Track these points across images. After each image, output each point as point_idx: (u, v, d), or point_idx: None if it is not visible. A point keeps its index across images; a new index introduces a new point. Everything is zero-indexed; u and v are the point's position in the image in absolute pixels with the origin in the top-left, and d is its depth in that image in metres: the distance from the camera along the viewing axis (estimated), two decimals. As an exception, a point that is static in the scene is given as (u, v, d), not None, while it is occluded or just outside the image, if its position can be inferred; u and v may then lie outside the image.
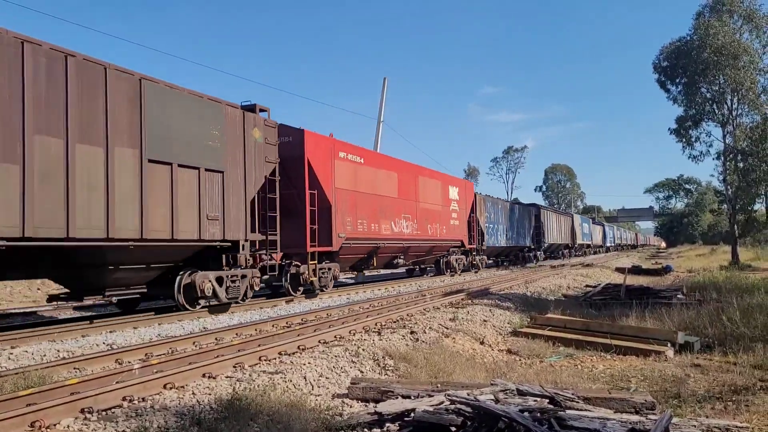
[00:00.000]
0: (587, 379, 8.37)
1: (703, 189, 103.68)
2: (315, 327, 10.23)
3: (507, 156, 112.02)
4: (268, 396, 5.90)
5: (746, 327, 10.16)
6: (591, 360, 9.69)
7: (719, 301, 12.88)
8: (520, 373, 8.51)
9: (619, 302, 15.09)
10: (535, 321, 12.40)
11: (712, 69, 35.14)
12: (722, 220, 71.46)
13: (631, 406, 5.79)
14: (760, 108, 35.90)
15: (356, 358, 7.90)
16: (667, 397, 6.99)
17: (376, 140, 34.59)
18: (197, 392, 6.01)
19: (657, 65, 39.71)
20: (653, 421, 4.78)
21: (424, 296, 16.21)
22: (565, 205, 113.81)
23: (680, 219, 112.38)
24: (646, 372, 8.54)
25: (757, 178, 34.81)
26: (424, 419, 4.99)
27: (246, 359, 7.41)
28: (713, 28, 34.67)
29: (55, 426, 4.95)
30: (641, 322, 11.91)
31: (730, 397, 6.77)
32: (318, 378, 6.91)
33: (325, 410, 5.96)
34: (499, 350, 10.57)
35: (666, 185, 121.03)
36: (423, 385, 6.48)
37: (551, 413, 4.90)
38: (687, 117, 38.86)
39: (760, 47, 36.25)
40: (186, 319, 11.49)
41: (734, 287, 15.94)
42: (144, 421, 5.05)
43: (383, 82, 35.92)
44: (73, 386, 5.83)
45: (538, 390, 5.68)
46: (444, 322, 11.43)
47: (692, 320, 11.54)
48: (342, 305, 14.14)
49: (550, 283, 22.03)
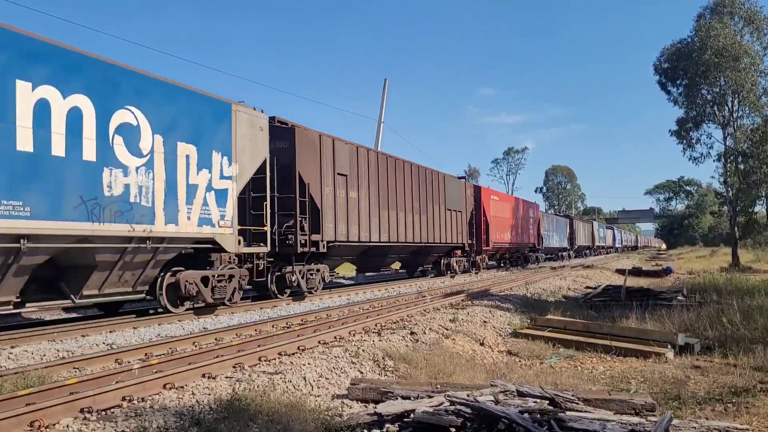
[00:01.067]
0: (587, 380, 8.36)
1: (704, 191, 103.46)
2: (315, 328, 10.23)
3: (507, 157, 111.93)
4: (268, 396, 5.90)
5: (746, 329, 10.15)
6: (591, 361, 9.68)
7: (719, 303, 12.87)
8: (520, 374, 8.51)
9: (620, 304, 15.08)
10: (535, 322, 12.39)
11: (713, 71, 35.10)
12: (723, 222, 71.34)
13: (631, 407, 5.78)
14: (761, 110, 35.87)
15: (356, 358, 7.90)
16: (667, 398, 6.98)
17: (376, 141, 34.53)
18: (197, 392, 6.00)
19: (658, 67, 39.70)
20: (653, 423, 4.78)
21: (424, 297, 16.21)
22: (565, 206, 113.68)
23: (681, 221, 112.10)
24: (646, 373, 8.53)
25: (758, 179, 34.76)
26: (423, 420, 4.98)
27: (246, 360, 7.40)
28: (714, 29, 34.65)
29: (55, 426, 4.94)
30: (641, 324, 11.91)
31: (731, 399, 6.76)
32: (318, 378, 6.90)
33: (325, 411, 5.96)
34: (499, 351, 10.56)
35: (666, 187, 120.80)
36: (423, 386, 6.48)
37: (551, 414, 4.89)
38: (688, 119, 38.82)
39: (761, 49, 36.27)
40: (185, 320, 11.48)
41: (734, 289, 15.91)
42: (143, 421, 5.04)
43: (384, 83, 35.87)
44: (72, 386, 5.83)
45: (538, 391, 5.67)
46: (444, 323, 11.43)
47: (692, 322, 11.54)
48: (342, 306, 14.14)
49: (550, 285, 22.03)
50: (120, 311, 12.49)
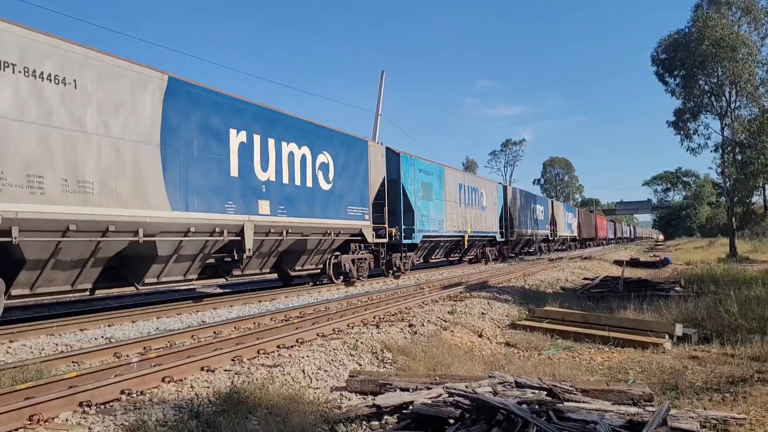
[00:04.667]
0: (585, 371, 8.39)
1: (702, 181, 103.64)
2: (313, 320, 10.24)
3: (505, 149, 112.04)
4: (267, 389, 5.90)
5: (744, 319, 10.18)
6: (589, 352, 9.70)
7: (717, 294, 12.89)
8: (519, 365, 8.52)
9: (617, 295, 15.12)
10: (533, 314, 12.41)
11: (711, 61, 35.07)
12: (720, 213, 71.50)
13: (629, 398, 5.80)
14: (758, 100, 35.88)
15: (354, 351, 7.91)
16: (665, 389, 7.00)
17: (374, 133, 34.47)
18: (196, 386, 6.01)
19: (655, 58, 39.67)
20: (651, 413, 4.79)
21: (422, 289, 16.23)
22: (563, 198, 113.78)
23: (678, 212, 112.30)
24: (644, 364, 8.55)
25: (755, 170, 34.80)
26: (422, 412, 4.99)
27: (244, 352, 7.41)
28: (712, 20, 34.59)
29: (54, 419, 4.94)
30: (639, 315, 11.94)
31: (728, 389, 6.78)
32: (316, 371, 6.91)
33: (324, 403, 5.97)
34: (498, 343, 10.58)
35: (664, 178, 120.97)
36: (421, 377, 6.49)
37: (549, 405, 4.91)
38: (685, 109, 38.82)
39: (758, 39, 36.23)
40: (185, 313, 11.49)
41: (732, 279, 15.95)
42: (142, 414, 5.04)
43: (381, 76, 35.77)
44: (71, 380, 5.83)
45: (536, 382, 5.68)
46: (442, 315, 11.45)
47: (690, 312, 11.57)
48: (340, 298, 14.16)
49: (549, 276, 22.07)
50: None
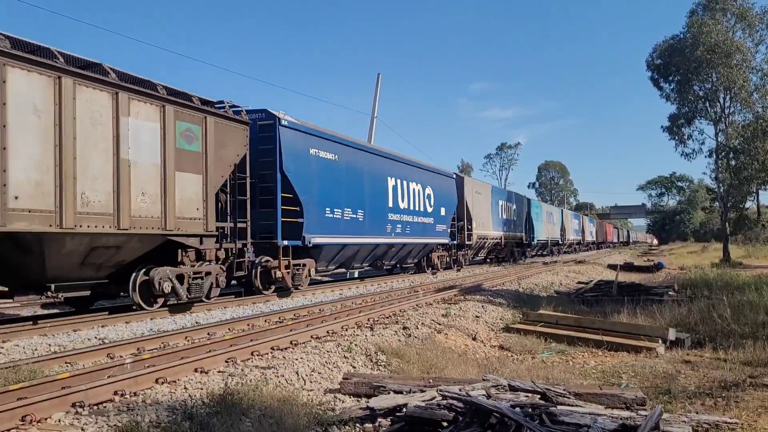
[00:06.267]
0: (579, 375, 8.41)
1: (696, 186, 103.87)
2: (307, 322, 10.23)
3: (500, 153, 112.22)
4: (261, 391, 5.89)
5: (737, 324, 10.24)
6: (582, 356, 9.73)
7: (710, 298, 12.95)
8: (512, 368, 8.54)
9: (611, 299, 15.15)
10: (527, 317, 12.44)
11: (705, 67, 35.28)
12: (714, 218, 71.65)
13: (622, 401, 5.82)
14: (752, 106, 36.10)
15: (348, 353, 7.91)
16: (658, 393, 7.03)
17: (369, 136, 34.49)
18: (189, 387, 6.00)
19: (650, 63, 39.88)
20: (643, 417, 4.81)
21: (416, 292, 16.24)
22: (557, 201, 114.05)
23: (672, 216, 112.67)
24: (637, 368, 8.58)
25: (749, 175, 34.93)
26: (416, 414, 5.00)
27: (238, 354, 7.39)
28: (706, 26, 34.80)
29: (47, 420, 4.92)
30: (633, 319, 11.98)
31: (720, 393, 6.82)
32: (310, 373, 6.91)
33: (317, 405, 5.97)
34: (491, 346, 10.60)
35: (658, 182, 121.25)
36: (415, 380, 6.50)
37: (542, 409, 4.92)
38: (680, 115, 39.04)
39: (752, 45, 36.48)
40: (177, 315, 11.46)
41: (725, 284, 16.04)
42: (136, 415, 5.03)
43: (377, 78, 35.86)
44: (64, 380, 5.81)
45: (529, 386, 5.70)
46: (436, 317, 11.46)
47: (683, 317, 11.61)
48: (334, 300, 14.15)
49: (542, 280, 22.11)
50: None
